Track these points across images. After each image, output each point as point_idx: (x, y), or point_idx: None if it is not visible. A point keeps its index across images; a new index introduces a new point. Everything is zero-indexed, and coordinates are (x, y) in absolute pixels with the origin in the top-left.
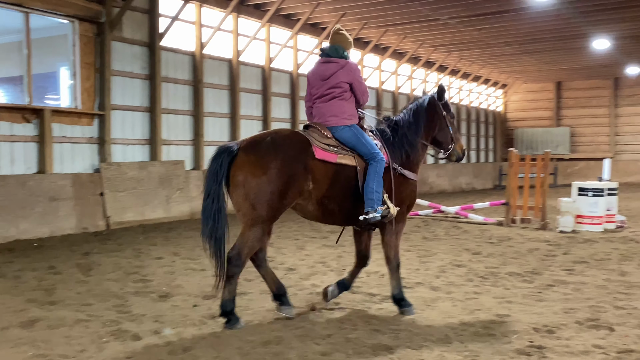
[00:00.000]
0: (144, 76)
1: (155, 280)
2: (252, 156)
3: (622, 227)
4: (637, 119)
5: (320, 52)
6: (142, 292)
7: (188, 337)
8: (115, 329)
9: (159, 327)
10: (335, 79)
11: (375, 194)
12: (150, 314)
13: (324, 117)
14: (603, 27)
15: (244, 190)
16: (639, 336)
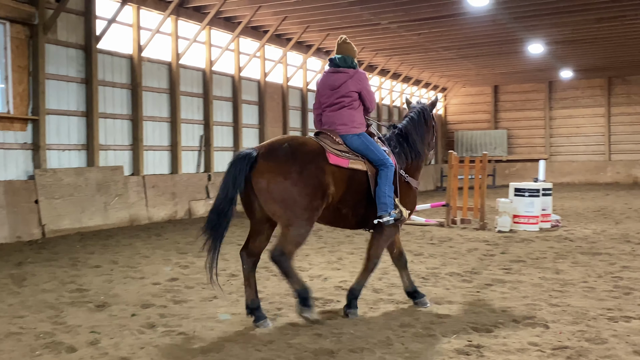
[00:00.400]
0: (80, 80)
1: (92, 289)
2: (271, 162)
3: (557, 226)
4: (570, 121)
5: (329, 62)
6: (78, 302)
7: (125, 347)
8: (49, 341)
9: (95, 338)
10: (345, 88)
11: (388, 198)
12: (87, 324)
13: (333, 125)
14: (537, 32)
15: (269, 194)
16: (572, 333)
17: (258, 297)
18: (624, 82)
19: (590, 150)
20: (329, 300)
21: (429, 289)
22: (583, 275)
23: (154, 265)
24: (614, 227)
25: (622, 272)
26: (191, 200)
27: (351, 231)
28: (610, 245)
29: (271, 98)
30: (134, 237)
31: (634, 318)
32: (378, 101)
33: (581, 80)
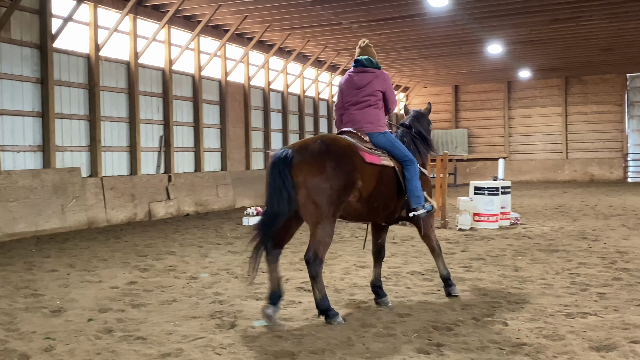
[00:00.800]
0: (35, 79)
1: (48, 294)
2: (308, 158)
3: (516, 224)
4: (528, 120)
5: (354, 63)
6: (32, 308)
7: (81, 353)
8: (1, 349)
9: (50, 345)
10: (371, 87)
11: (419, 191)
12: (41, 330)
13: (359, 124)
14: (496, 32)
15: (306, 189)
16: (530, 329)
17: (280, 288)
18: (580, 82)
19: (548, 149)
20: (291, 302)
21: (390, 288)
22: (541, 272)
23: (112, 268)
24: (571, 224)
25: (578, 269)
26: (151, 202)
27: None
28: (568, 242)
29: (233, 98)
30: (92, 240)
31: (591, 314)
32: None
33: (539, 80)
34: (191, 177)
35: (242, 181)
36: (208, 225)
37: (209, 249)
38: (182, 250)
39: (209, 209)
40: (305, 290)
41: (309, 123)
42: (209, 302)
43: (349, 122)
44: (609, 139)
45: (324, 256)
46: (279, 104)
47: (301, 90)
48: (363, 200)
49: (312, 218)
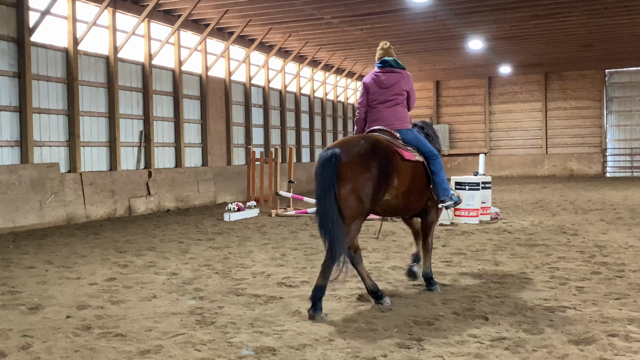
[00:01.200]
0: (12, 73)
1: (26, 291)
2: (355, 158)
3: (496, 219)
4: (509, 115)
5: (381, 63)
6: (9, 305)
7: (59, 351)
8: None
9: (27, 342)
10: (399, 87)
11: (446, 184)
12: (18, 328)
13: (387, 121)
14: (477, 28)
15: (352, 185)
16: (510, 323)
17: (373, 281)
18: (560, 78)
19: (528, 144)
20: (272, 298)
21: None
22: (521, 267)
23: (91, 265)
24: (550, 218)
25: (558, 263)
26: (131, 198)
27: (295, 227)
28: (547, 237)
29: (213, 93)
30: (71, 237)
31: (570, 308)
32: (322, 96)
33: (519, 76)
34: (172, 172)
35: (223, 177)
36: (189, 221)
37: (189, 244)
38: (162, 246)
39: (189, 204)
40: (286, 285)
41: (290, 118)
42: (189, 298)
43: (377, 119)
44: (587, 135)
45: (346, 247)
46: (260, 99)
47: (282, 86)
48: (399, 196)
49: (351, 213)
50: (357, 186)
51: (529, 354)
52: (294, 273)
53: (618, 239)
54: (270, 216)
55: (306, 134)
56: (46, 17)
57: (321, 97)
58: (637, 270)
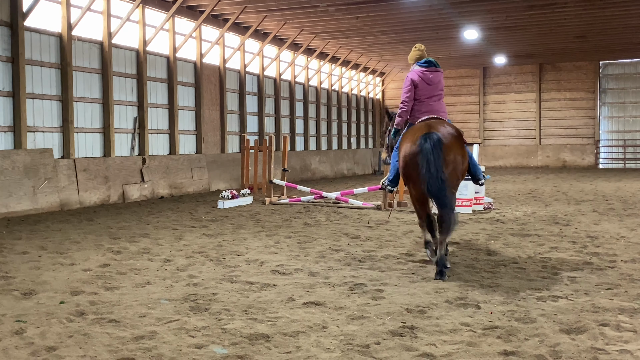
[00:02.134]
0: (5, 58)
1: (19, 276)
2: (453, 141)
3: (489, 209)
4: (503, 106)
5: (426, 63)
6: (3, 290)
7: (53, 336)
8: None
9: (20, 327)
10: (442, 84)
11: (479, 166)
12: (12, 313)
13: (438, 112)
14: (472, 18)
15: (454, 165)
16: (502, 312)
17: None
18: (554, 69)
19: (522, 134)
20: (265, 285)
21: (364, 272)
22: (514, 256)
23: (85, 251)
24: (543, 209)
25: (550, 253)
26: (125, 184)
27: (289, 215)
28: (540, 227)
29: (208, 80)
30: (65, 222)
31: (561, 297)
32: (317, 85)
33: (514, 67)
34: (166, 159)
35: (217, 164)
36: (183, 208)
37: (183, 231)
38: (156, 233)
39: (183, 191)
40: (279, 273)
41: (284, 107)
42: (183, 285)
43: (428, 111)
44: (581, 126)
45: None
46: (254, 87)
47: (277, 74)
48: (461, 176)
49: (453, 187)
50: (457, 166)
51: (521, 342)
52: (288, 261)
53: (610, 229)
54: (264, 204)
55: (300, 122)
56: (40, 2)
57: (315, 86)
58: (628, 261)
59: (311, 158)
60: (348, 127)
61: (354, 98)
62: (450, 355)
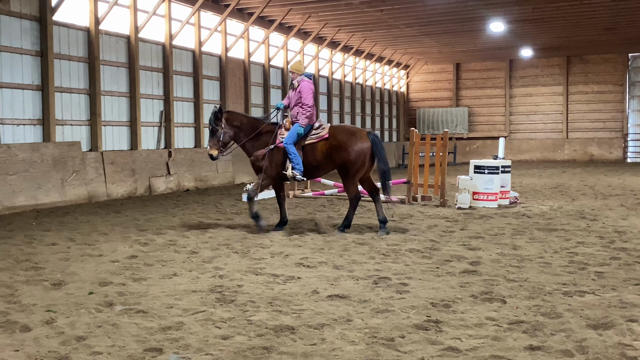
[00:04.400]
0: (34, 52)
1: (48, 267)
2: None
3: (515, 203)
4: (529, 99)
5: (309, 76)
6: (33, 281)
7: (82, 326)
8: (3, 321)
9: (51, 317)
10: None
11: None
12: (42, 303)
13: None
14: (498, 10)
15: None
16: (528, 307)
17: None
18: (582, 62)
19: (549, 128)
20: (290, 277)
21: (388, 265)
22: (540, 251)
23: (113, 242)
24: (570, 203)
25: (577, 248)
26: (151, 177)
27: (313, 209)
28: (566, 222)
29: (233, 74)
30: (92, 214)
31: (588, 293)
32: (340, 78)
33: (540, 59)
34: (191, 152)
35: (241, 157)
36: (208, 200)
37: (208, 224)
38: (182, 225)
39: (208, 184)
40: (304, 266)
41: None
42: (209, 277)
43: (316, 115)
44: (609, 119)
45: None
46: (279, 81)
47: None
48: None
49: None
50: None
51: (547, 337)
52: (312, 254)
53: (638, 224)
54: (287, 197)
55: (324, 115)
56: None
57: (339, 79)
58: None
59: None
60: (372, 120)
61: (377, 91)
62: (475, 350)
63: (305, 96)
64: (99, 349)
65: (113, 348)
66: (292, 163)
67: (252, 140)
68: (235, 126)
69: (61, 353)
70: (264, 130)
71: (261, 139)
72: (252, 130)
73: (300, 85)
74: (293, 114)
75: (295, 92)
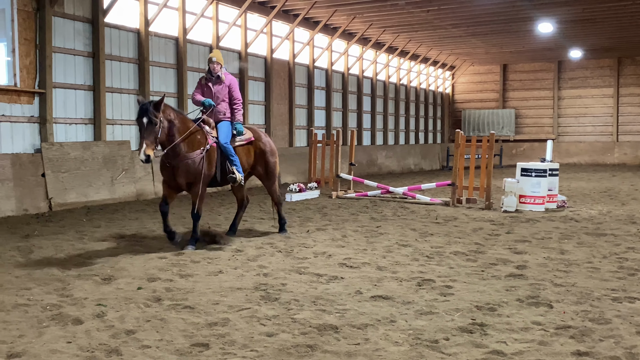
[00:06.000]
0: (86, 53)
1: (99, 262)
2: None
3: (563, 207)
4: (578, 101)
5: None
6: (84, 275)
7: (131, 320)
8: (56, 313)
9: (101, 311)
10: None
11: None
12: (93, 297)
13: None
14: (547, 10)
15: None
16: (576, 312)
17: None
18: (634, 63)
19: (598, 131)
20: (333, 277)
21: (432, 268)
22: (588, 256)
23: (160, 239)
24: (619, 208)
25: (627, 253)
26: None
27: (356, 210)
28: (616, 227)
29: (278, 75)
30: (140, 212)
31: (638, 299)
32: (384, 79)
33: (590, 60)
34: None
35: (284, 158)
36: (252, 200)
37: (253, 223)
38: (227, 224)
39: (252, 184)
40: (347, 266)
41: (352, 101)
42: (254, 275)
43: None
44: None
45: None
46: (322, 82)
47: (345, 68)
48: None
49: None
50: None
51: (595, 343)
52: (355, 254)
53: None
54: (330, 198)
55: (367, 116)
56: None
57: (383, 80)
58: None
59: (378, 153)
60: (416, 121)
61: (422, 92)
62: (521, 354)
63: (236, 91)
64: (147, 342)
65: (161, 342)
66: (234, 165)
67: (186, 140)
68: (170, 121)
69: (111, 346)
70: (194, 130)
71: (194, 138)
72: (185, 128)
73: (230, 80)
74: (221, 110)
75: (223, 87)
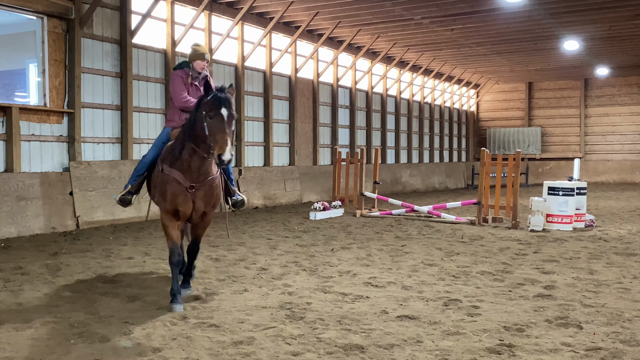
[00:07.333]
0: (114, 74)
1: (125, 280)
2: None
3: (591, 226)
4: (606, 119)
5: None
6: (111, 293)
7: (158, 338)
8: (83, 331)
9: (128, 329)
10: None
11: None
12: (120, 315)
13: None
14: (573, 28)
15: None
16: (606, 334)
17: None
18: None
19: (626, 149)
20: (359, 297)
21: (459, 287)
22: (618, 276)
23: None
24: None
25: None
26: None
27: (380, 228)
28: None
29: (302, 94)
30: None
31: None
32: (409, 97)
33: (618, 78)
34: (260, 171)
35: (309, 176)
36: (276, 218)
37: (277, 241)
38: (251, 242)
39: (276, 202)
40: (372, 285)
41: (376, 119)
42: (279, 293)
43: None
44: None
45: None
46: (346, 100)
47: (369, 87)
48: None
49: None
50: None
51: None
52: (380, 273)
53: None
54: (355, 216)
55: (391, 135)
56: (147, 20)
57: (407, 98)
58: None
59: (402, 171)
60: (440, 140)
61: (446, 110)
62: None
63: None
64: None
65: None
66: (234, 186)
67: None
68: None
69: None
70: None
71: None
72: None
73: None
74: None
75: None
